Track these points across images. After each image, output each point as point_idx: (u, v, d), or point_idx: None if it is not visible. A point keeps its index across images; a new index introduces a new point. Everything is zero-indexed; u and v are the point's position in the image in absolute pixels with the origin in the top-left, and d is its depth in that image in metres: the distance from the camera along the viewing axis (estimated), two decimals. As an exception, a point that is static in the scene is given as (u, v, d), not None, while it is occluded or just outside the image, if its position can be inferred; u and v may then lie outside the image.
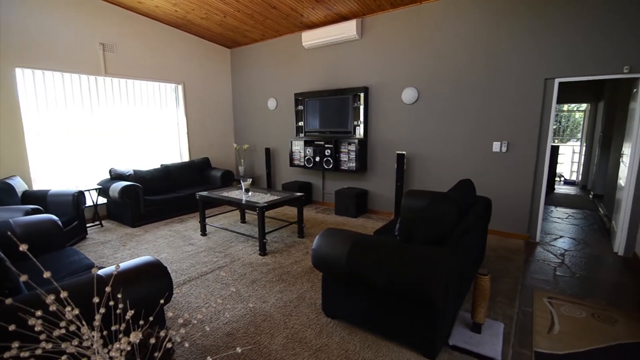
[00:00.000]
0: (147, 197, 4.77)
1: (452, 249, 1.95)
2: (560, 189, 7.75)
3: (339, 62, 5.28)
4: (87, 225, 4.47)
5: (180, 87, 5.99)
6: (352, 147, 5.07)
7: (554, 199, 6.46)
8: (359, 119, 5.09)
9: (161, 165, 5.62)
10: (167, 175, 5.45)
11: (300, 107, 5.69)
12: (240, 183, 4.42)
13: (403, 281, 1.86)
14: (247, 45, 6.44)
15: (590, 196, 6.64)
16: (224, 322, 2.36)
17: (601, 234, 4.34)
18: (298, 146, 5.69)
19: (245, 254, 3.63)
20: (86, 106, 4.83)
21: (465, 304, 2.57)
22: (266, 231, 3.69)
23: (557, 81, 3.69)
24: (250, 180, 4.27)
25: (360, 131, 5.11)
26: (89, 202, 4.57)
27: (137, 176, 4.96)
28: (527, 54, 3.78)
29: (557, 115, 10.89)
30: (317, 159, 5.42)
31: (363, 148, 5.10)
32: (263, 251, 3.58)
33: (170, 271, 3.12)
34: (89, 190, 4.57)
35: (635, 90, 3.58)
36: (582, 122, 9.77)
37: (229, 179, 5.90)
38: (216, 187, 5.58)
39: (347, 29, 4.87)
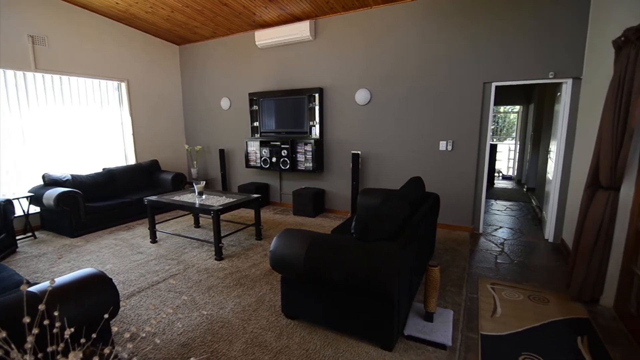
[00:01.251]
0: (88, 204, 4.39)
1: (404, 244, 2.04)
2: (499, 183, 8.45)
3: (293, 62, 5.27)
4: (18, 237, 4.00)
5: (123, 84, 5.60)
6: (309, 148, 5.09)
7: (493, 193, 7.03)
8: (314, 119, 5.13)
9: (104, 169, 5.20)
10: (111, 180, 5.06)
11: (255, 107, 5.60)
12: (193, 186, 4.24)
13: (359, 277, 1.91)
14: (197, 42, 6.20)
15: (524, 189, 7.33)
16: (178, 333, 2.25)
17: (534, 223, 4.81)
18: (254, 147, 5.59)
19: (200, 259, 3.50)
20: (13, 105, 4.33)
21: (418, 295, 2.71)
22: (222, 235, 3.58)
23: (494, 85, 4.02)
24: (204, 182, 4.12)
25: (316, 131, 5.16)
26: (18, 212, 4.10)
27: (75, 181, 4.55)
28: (468, 59, 4.08)
29: (494, 116, 11.87)
30: (274, 159, 5.37)
31: (319, 148, 5.15)
32: (219, 256, 3.47)
33: (116, 283, 2.92)
34: (18, 198, 4.10)
35: (559, 93, 4.02)
36: (516, 123, 10.74)
37: (181, 182, 5.63)
38: (167, 191, 5.30)
39: (301, 30, 4.89)
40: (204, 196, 4.04)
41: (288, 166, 5.24)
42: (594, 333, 2.23)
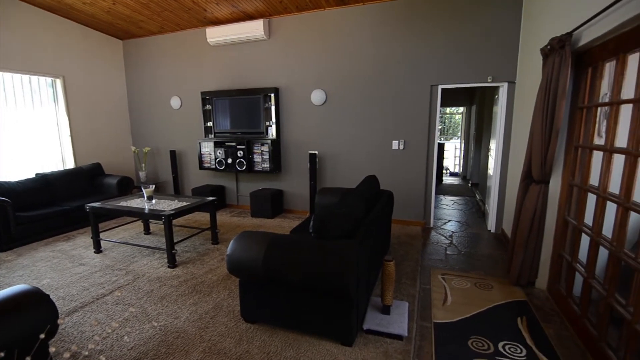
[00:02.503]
0: (20, 214, 3.95)
1: (361, 241, 2.10)
2: (447, 180, 9.00)
3: (247, 61, 5.18)
4: None
5: (58, 81, 5.11)
6: (266, 148, 5.03)
7: (442, 189, 7.46)
8: (270, 119, 5.08)
9: (37, 174, 4.71)
10: (46, 186, 4.59)
11: (208, 107, 5.41)
12: (141, 190, 3.99)
13: (318, 275, 1.93)
14: (143, 38, 5.84)
15: (469, 185, 7.88)
16: (127, 348, 2.11)
17: (478, 215, 5.19)
18: (208, 148, 5.40)
19: (152, 268, 3.30)
20: None
21: (376, 289, 2.80)
22: (175, 241, 3.41)
23: (440, 87, 4.27)
24: (154, 186, 3.89)
25: (272, 132, 5.11)
26: None
27: (3, 189, 4.07)
28: (417, 63, 4.29)
29: (441, 116, 12.62)
30: (229, 160, 5.23)
31: (276, 148, 5.10)
32: (172, 263, 3.31)
33: (55, 299, 2.68)
34: None
35: (497, 96, 4.37)
36: (460, 123, 11.51)
37: (128, 187, 5.27)
38: (112, 196, 4.92)
39: (254, 28, 4.81)
40: (154, 201, 3.82)
41: (245, 167, 5.13)
42: (532, 313, 2.47)
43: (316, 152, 4.83)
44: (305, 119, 5.00)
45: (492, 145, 4.59)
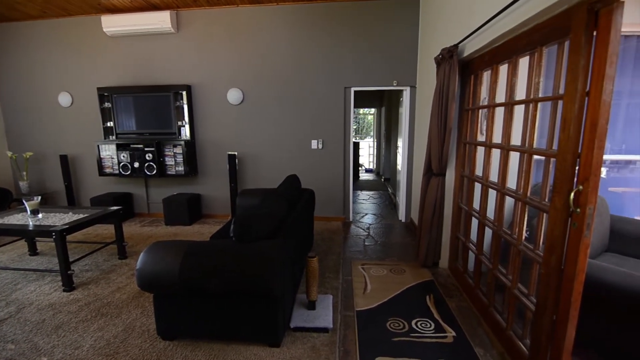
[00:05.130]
0: None
1: (284, 241, 2.11)
2: (363, 176, 9.61)
3: (154, 55, 4.74)
4: None
5: None
6: (179, 150, 4.69)
7: (359, 185, 7.94)
8: (183, 119, 4.74)
9: None
10: None
11: (108, 105, 4.80)
12: (23, 204, 3.36)
13: (241, 279, 1.88)
14: (18, 22, 4.89)
15: (382, 180, 8.54)
16: (12, 392, 1.76)
17: (391, 207, 5.66)
18: (109, 151, 4.79)
19: (42, 294, 2.81)
20: None
21: (302, 286, 2.84)
22: (71, 260, 2.96)
23: (352, 90, 4.53)
24: (39, 198, 3.30)
25: (186, 132, 4.78)
26: None
27: None
28: (331, 65, 4.47)
29: (355, 117, 13.37)
30: (137, 164, 4.72)
31: (191, 150, 4.79)
32: (69, 286, 2.86)
33: None
34: None
35: (401, 99, 4.81)
36: (372, 123, 12.38)
37: (4, 200, 4.38)
38: (-20, 213, 4.03)
39: (160, 20, 4.43)
40: (40, 215, 3.25)
41: (155, 171, 4.70)
42: (437, 290, 2.79)
43: (235, 153, 4.68)
44: (223, 119, 4.80)
45: (400, 143, 5.05)
